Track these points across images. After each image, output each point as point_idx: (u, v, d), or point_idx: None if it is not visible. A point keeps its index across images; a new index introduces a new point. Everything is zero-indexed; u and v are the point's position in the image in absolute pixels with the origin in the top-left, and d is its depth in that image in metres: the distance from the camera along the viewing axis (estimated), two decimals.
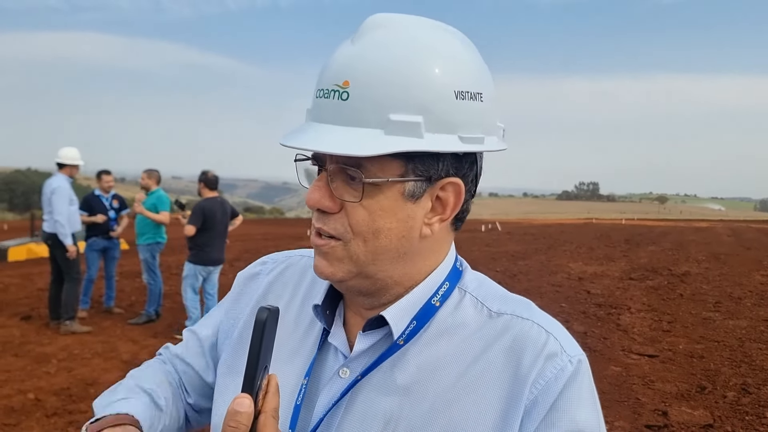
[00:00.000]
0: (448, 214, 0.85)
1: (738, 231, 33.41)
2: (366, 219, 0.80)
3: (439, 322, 0.88)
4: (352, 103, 0.77)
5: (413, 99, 0.77)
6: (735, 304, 9.58)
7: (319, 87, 0.81)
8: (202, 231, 6.81)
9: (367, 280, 0.85)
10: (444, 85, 0.78)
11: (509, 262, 15.09)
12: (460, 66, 0.81)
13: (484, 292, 0.92)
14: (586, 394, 0.82)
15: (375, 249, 0.82)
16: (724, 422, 4.82)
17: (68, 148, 7.42)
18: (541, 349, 0.83)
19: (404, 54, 0.78)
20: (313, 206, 0.82)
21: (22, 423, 4.61)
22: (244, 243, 18.35)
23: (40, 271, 11.51)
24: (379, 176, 0.78)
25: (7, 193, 78.77)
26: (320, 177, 0.83)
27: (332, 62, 0.81)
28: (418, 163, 0.79)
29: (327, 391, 0.87)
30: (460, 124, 0.80)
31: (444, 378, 0.84)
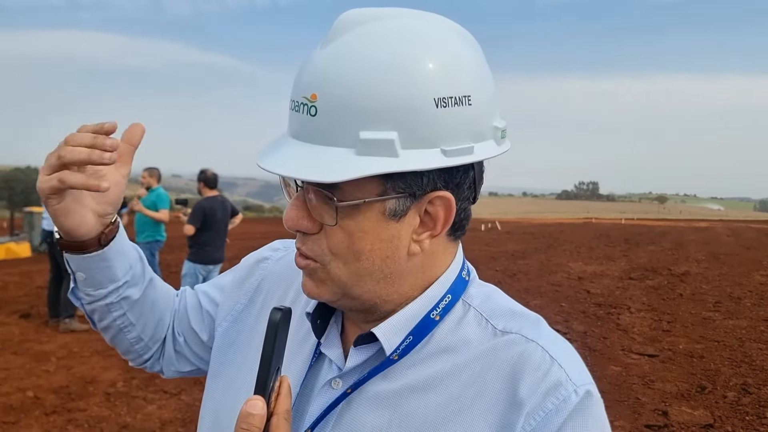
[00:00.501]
0: (438, 230, 0.77)
1: (738, 231, 33.43)
2: (345, 241, 0.75)
3: (438, 339, 0.81)
4: (320, 120, 0.70)
5: (385, 113, 0.68)
6: (735, 304, 9.58)
7: (292, 97, 0.75)
8: (202, 230, 6.78)
9: (355, 301, 0.80)
10: (421, 94, 0.69)
11: (509, 262, 15.08)
12: (442, 68, 0.70)
13: (491, 306, 0.84)
14: (593, 429, 0.73)
15: (357, 271, 0.76)
16: (724, 422, 4.81)
17: None
18: (543, 376, 0.74)
19: (375, 59, 0.69)
20: (291, 227, 0.77)
21: (21, 421, 4.60)
22: (243, 241, 18.33)
23: (39, 269, 11.50)
24: (357, 197, 0.72)
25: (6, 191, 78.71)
26: (297, 196, 0.77)
27: (302, 70, 0.74)
28: (398, 181, 0.72)
29: (318, 402, 0.84)
30: (442, 135, 0.71)
31: (435, 398, 0.78)
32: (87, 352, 6.42)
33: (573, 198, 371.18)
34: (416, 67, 0.69)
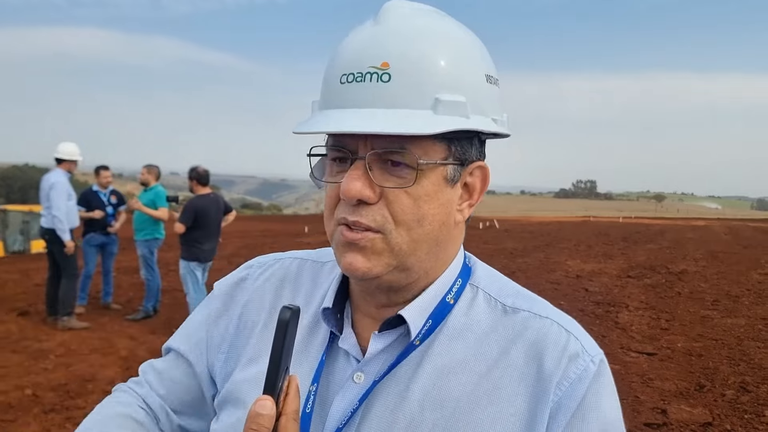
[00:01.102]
0: (475, 199, 0.84)
1: (735, 229, 33.48)
2: (411, 206, 0.76)
3: (454, 321, 0.85)
4: (396, 84, 0.74)
5: (456, 80, 0.76)
6: (733, 303, 9.59)
7: (346, 71, 0.76)
8: (194, 228, 6.72)
9: (403, 273, 0.81)
10: (478, 68, 0.79)
11: (507, 260, 15.09)
12: (482, 51, 0.82)
13: (497, 287, 0.90)
14: (609, 393, 0.81)
15: (418, 237, 0.78)
16: (723, 420, 4.82)
17: (67, 143, 7.38)
18: (563, 349, 0.81)
19: (438, 37, 0.77)
20: (354, 197, 0.75)
21: (19, 419, 4.59)
22: (242, 239, 18.33)
23: (37, 266, 11.48)
24: (425, 160, 0.76)
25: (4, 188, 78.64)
26: (356, 166, 0.76)
27: (358, 44, 0.77)
28: (458, 146, 0.79)
29: (341, 398, 0.83)
30: (490, 106, 0.81)
31: (465, 380, 0.81)
32: (86, 349, 6.41)
33: (571, 196, 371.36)
34: (473, 46, 0.81)
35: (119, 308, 8.35)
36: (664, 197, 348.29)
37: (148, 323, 7.63)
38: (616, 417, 0.81)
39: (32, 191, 62.97)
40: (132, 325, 7.51)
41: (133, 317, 7.82)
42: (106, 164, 8.41)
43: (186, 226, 6.66)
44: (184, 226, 6.66)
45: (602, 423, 0.78)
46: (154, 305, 8.02)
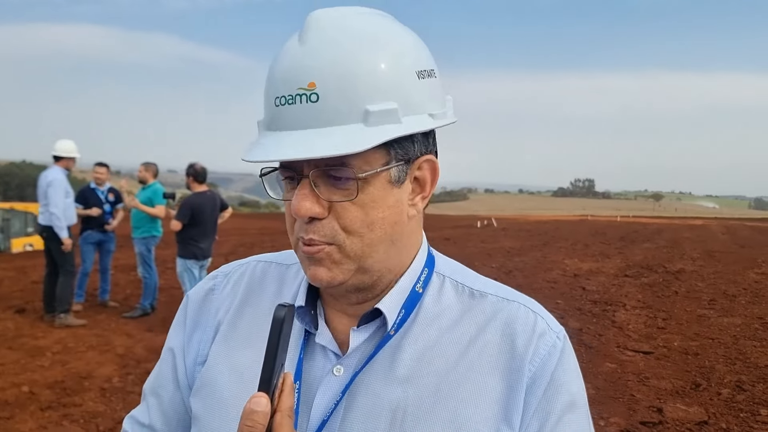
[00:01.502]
0: (428, 191, 0.87)
1: (732, 229, 33.54)
2: (359, 215, 0.79)
3: (425, 309, 0.90)
4: (325, 103, 0.76)
5: (384, 87, 0.77)
6: (729, 302, 9.61)
7: (278, 94, 0.79)
8: (191, 226, 6.71)
9: (365, 275, 0.84)
10: (407, 68, 0.80)
11: (505, 259, 15.11)
12: (411, 47, 0.83)
13: (461, 275, 0.96)
14: (574, 365, 0.90)
15: (371, 241, 0.81)
16: (718, 419, 4.83)
17: (65, 141, 7.38)
18: (532, 328, 0.88)
19: (361, 45, 0.78)
20: (304, 215, 0.79)
21: (16, 416, 4.59)
22: (240, 237, 18.33)
23: (34, 264, 11.47)
24: (367, 169, 0.78)
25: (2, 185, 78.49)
26: (303, 185, 0.79)
27: (286, 66, 0.79)
28: (398, 148, 0.81)
29: (323, 392, 0.85)
30: (426, 102, 0.82)
31: (443, 363, 0.86)
32: (82, 347, 6.41)
33: (569, 195, 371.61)
34: (399, 47, 0.81)
35: (116, 306, 8.34)
36: (661, 196, 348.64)
37: (146, 321, 7.62)
38: (580, 385, 0.89)
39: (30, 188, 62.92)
40: (129, 323, 7.52)
41: (131, 315, 7.82)
42: (104, 162, 8.40)
43: (182, 223, 6.65)
44: (181, 224, 6.65)
45: (571, 392, 0.86)
46: (151, 303, 8.01)
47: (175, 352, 1.01)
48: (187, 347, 1.00)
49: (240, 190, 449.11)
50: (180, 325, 1.03)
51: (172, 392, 1.00)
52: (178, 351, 1.01)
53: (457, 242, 19.41)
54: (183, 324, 1.03)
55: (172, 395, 1.00)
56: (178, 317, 1.05)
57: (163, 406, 1.00)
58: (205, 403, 0.93)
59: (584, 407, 0.88)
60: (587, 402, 0.90)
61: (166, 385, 1.01)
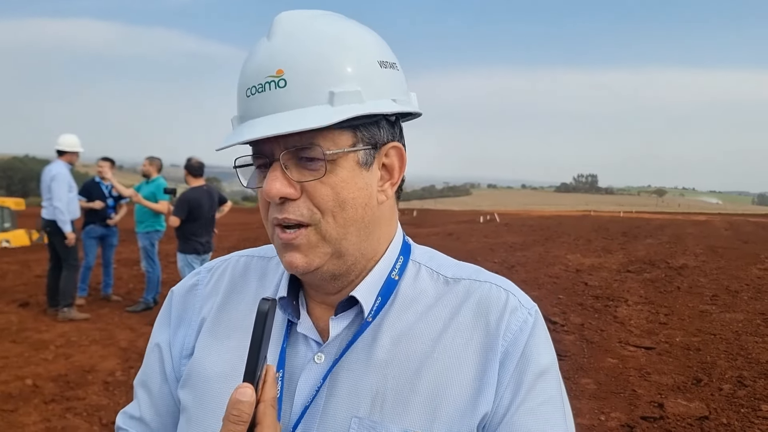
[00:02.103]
0: (396, 178, 0.91)
1: (736, 224, 33.47)
2: (330, 194, 0.82)
3: (402, 295, 0.93)
4: (292, 87, 0.80)
5: (348, 72, 0.82)
6: (732, 298, 9.60)
7: (248, 85, 0.84)
8: (188, 221, 6.73)
9: (340, 260, 0.87)
10: (369, 56, 0.85)
11: (507, 254, 15.11)
12: (373, 40, 0.88)
13: (437, 262, 0.99)
14: (545, 339, 0.93)
15: (345, 222, 0.84)
16: (719, 414, 4.84)
17: (68, 135, 7.39)
18: (504, 306, 0.92)
19: (327, 36, 0.83)
20: (275, 196, 0.82)
21: (20, 409, 4.62)
22: (242, 232, 18.36)
23: (37, 257, 11.52)
24: (334, 149, 0.82)
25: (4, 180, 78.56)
26: (273, 167, 0.83)
27: (256, 59, 0.84)
28: (364, 131, 0.84)
29: (305, 379, 0.88)
30: (389, 89, 0.87)
31: (419, 345, 0.89)
32: (86, 341, 6.44)
33: (572, 191, 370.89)
34: (362, 39, 0.86)
35: (119, 300, 8.37)
36: (665, 192, 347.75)
37: (148, 315, 7.65)
38: (552, 357, 0.92)
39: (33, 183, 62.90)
40: (132, 317, 7.55)
41: (133, 309, 7.85)
42: (109, 157, 8.42)
43: (181, 219, 6.66)
44: (179, 219, 6.66)
45: (542, 365, 0.90)
46: (154, 297, 8.04)
47: (161, 346, 1.04)
48: (173, 341, 1.03)
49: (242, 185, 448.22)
50: (165, 320, 1.06)
51: (160, 385, 1.03)
52: (165, 345, 1.03)
53: (460, 237, 19.41)
54: (168, 319, 1.05)
55: (160, 388, 1.03)
56: (162, 312, 1.08)
57: (153, 398, 1.03)
58: (193, 395, 0.95)
59: (555, 374, 0.91)
60: (559, 372, 0.93)
61: (154, 378, 1.03)
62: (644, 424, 4.66)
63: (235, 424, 0.69)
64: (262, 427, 0.71)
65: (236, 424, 0.69)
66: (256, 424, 0.71)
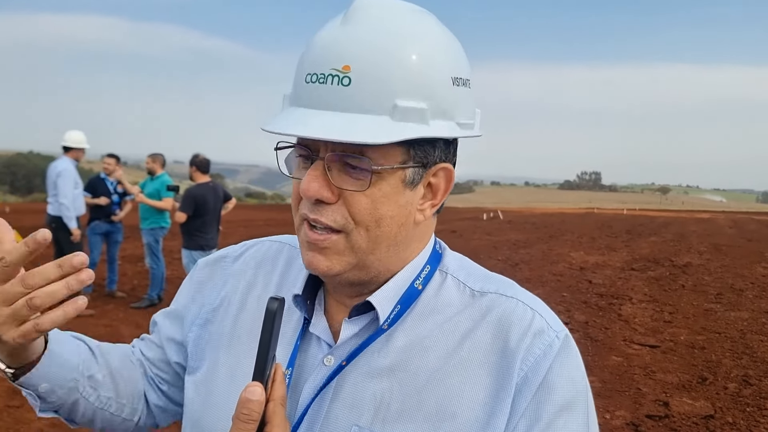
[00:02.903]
0: (438, 199, 0.86)
1: (740, 222, 33.38)
2: (368, 207, 0.78)
3: (423, 305, 0.88)
4: (356, 89, 0.74)
5: (418, 85, 0.76)
6: (736, 296, 9.59)
7: (311, 71, 0.78)
8: (194, 217, 6.75)
9: (363, 271, 0.84)
10: (444, 72, 0.78)
11: (510, 251, 15.09)
12: (452, 52, 0.81)
13: (465, 272, 0.93)
14: (575, 367, 0.84)
15: (376, 237, 0.80)
16: (725, 413, 4.84)
17: (74, 132, 7.40)
18: (528, 326, 0.84)
19: (404, 39, 0.76)
20: (312, 197, 0.78)
21: (25, 405, 4.63)
22: (247, 229, 18.36)
23: (43, 253, 11.48)
24: (383, 164, 0.77)
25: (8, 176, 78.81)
26: (316, 166, 0.78)
27: (324, 44, 0.78)
28: (418, 150, 0.79)
29: (312, 379, 0.87)
30: (456, 109, 0.81)
31: (432, 357, 0.84)
32: (91, 336, 6.44)
33: (575, 188, 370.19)
34: (440, 49, 0.79)
35: (124, 296, 8.39)
36: (669, 189, 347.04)
37: (153, 311, 7.63)
38: (581, 389, 0.83)
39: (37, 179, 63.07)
40: (137, 313, 7.56)
41: (138, 305, 7.86)
42: (114, 153, 8.45)
43: (187, 215, 6.68)
44: (186, 215, 6.68)
45: (567, 398, 0.81)
46: (158, 293, 8.06)
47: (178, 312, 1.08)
48: (189, 308, 1.05)
49: (246, 182, 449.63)
50: (186, 287, 1.09)
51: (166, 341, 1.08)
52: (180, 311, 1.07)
53: (463, 234, 19.39)
54: (189, 285, 1.08)
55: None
56: (186, 280, 1.11)
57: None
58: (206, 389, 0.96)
59: (582, 409, 0.82)
60: (590, 407, 0.84)
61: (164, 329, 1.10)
62: (649, 423, 4.66)
63: (245, 423, 0.68)
64: (272, 425, 0.71)
65: (246, 423, 0.68)
66: (266, 422, 0.71)
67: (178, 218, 6.71)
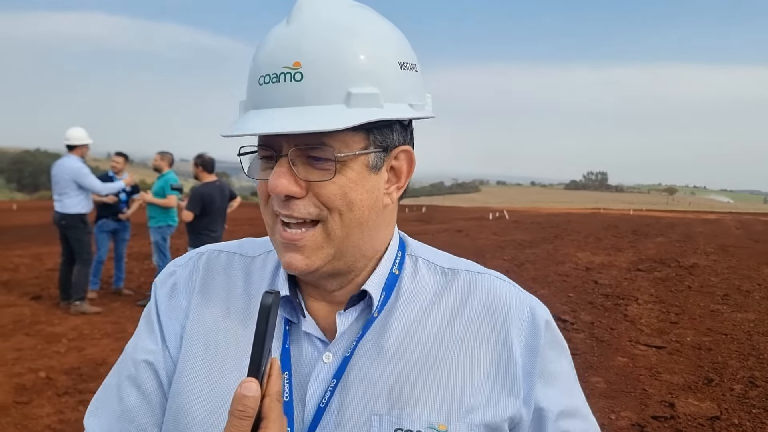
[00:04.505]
0: (403, 182, 0.89)
1: (747, 223, 33.23)
2: (338, 193, 0.80)
3: (404, 289, 0.93)
4: (308, 83, 0.77)
5: (368, 72, 0.79)
6: (743, 297, 9.55)
7: (263, 73, 0.80)
8: (201, 216, 6.78)
9: (341, 261, 0.86)
10: (391, 57, 0.82)
11: (516, 251, 15.07)
12: (395, 40, 0.85)
13: (431, 254, 1.00)
14: (554, 324, 0.97)
15: (350, 222, 0.82)
16: (731, 415, 4.82)
17: (76, 129, 7.41)
18: (515, 298, 0.94)
19: (348, 31, 0.79)
20: (281, 193, 0.80)
21: (33, 401, 4.67)
22: (252, 227, 18.40)
23: (49, 251, 11.60)
24: (345, 151, 0.79)
25: (15, 173, 79.08)
26: (281, 163, 0.80)
27: (272, 45, 0.81)
28: (377, 135, 0.82)
29: (315, 380, 0.86)
30: (407, 93, 0.84)
31: (429, 336, 0.89)
32: (98, 334, 6.49)
33: (581, 188, 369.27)
34: (384, 37, 0.83)
35: (131, 294, 8.43)
36: (675, 190, 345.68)
37: None
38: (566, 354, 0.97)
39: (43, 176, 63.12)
40: (143, 311, 7.58)
41: (145, 303, 7.87)
42: (123, 152, 8.50)
43: (194, 213, 6.71)
44: (193, 214, 6.71)
45: (565, 350, 0.96)
46: None
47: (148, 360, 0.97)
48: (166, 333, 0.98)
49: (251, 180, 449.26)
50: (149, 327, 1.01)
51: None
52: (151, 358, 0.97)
53: (469, 234, 19.39)
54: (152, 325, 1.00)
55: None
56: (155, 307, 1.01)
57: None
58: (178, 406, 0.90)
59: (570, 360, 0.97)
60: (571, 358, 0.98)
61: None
62: (655, 424, 4.65)
63: (240, 420, 0.67)
64: (268, 421, 0.70)
65: (242, 420, 0.67)
66: (262, 418, 0.70)
67: (185, 217, 6.74)
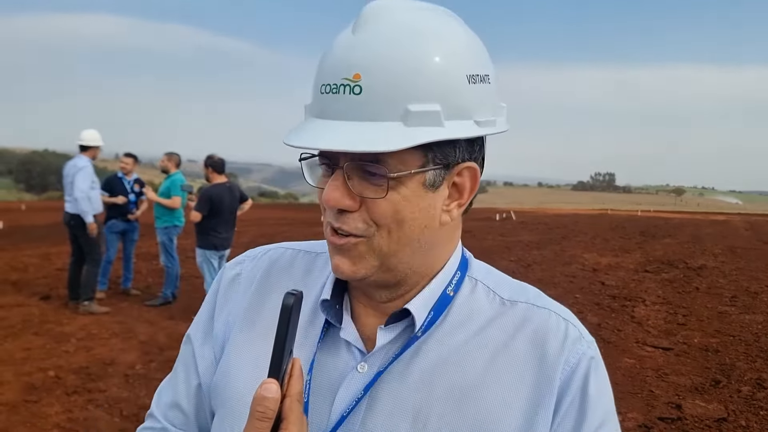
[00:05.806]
0: (465, 199, 0.85)
1: (756, 225, 33.02)
2: (389, 211, 0.78)
3: (454, 312, 0.88)
4: (367, 97, 0.75)
5: (430, 88, 0.75)
6: (751, 299, 9.50)
7: (324, 82, 0.78)
8: (210, 217, 6.80)
9: (388, 273, 0.84)
10: (457, 71, 0.77)
11: (523, 252, 15.05)
12: (466, 49, 0.80)
13: (493, 280, 0.94)
14: (605, 375, 0.88)
15: (399, 239, 0.80)
16: (738, 416, 4.81)
17: (90, 131, 7.50)
18: (564, 336, 0.86)
19: (413, 42, 0.76)
20: (333, 206, 0.79)
21: (42, 400, 4.71)
22: (259, 227, 18.46)
23: (58, 251, 11.67)
24: (401, 169, 0.77)
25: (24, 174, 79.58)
26: (336, 176, 0.79)
27: (336, 54, 0.79)
28: (437, 152, 0.78)
29: (346, 388, 0.85)
30: (473, 108, 0.79)
31: (469, 368, 0.84)
32: (106, 334, 6.53)
33: (589, 189, 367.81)
34: (453, 47, 0.78)
35: (139, 294, 8.47)
36: (683, 191, 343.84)
37: (167, 309, 7.74)
38: (612, 398, 0.88)
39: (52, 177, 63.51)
40: (151, 311, 7.63)
41: (152, 303, 7.94)
42: (132, 153, 8.56)
43: (202, 214, 6.73)
44: (201, 215, 6.73)
45: (604, 401, 0.85)
46: (173, 291, 8.13)
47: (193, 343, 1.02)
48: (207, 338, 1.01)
49: (259, 181, 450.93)
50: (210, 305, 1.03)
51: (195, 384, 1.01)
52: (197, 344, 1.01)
53: (476, 235, 19.36)
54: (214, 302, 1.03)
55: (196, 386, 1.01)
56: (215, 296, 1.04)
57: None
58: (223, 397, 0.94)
59: (615, 421, 0.87)
60: (616, 414, 0.88)
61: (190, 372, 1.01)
62: (662, 425, 4.64)
63: (260, 421, 0.67)
64: (288, 422, 0.69)
65: (261, 421, 0.67)
66: (282, 419, 0.69)
67: (192, 218, 6.77)
